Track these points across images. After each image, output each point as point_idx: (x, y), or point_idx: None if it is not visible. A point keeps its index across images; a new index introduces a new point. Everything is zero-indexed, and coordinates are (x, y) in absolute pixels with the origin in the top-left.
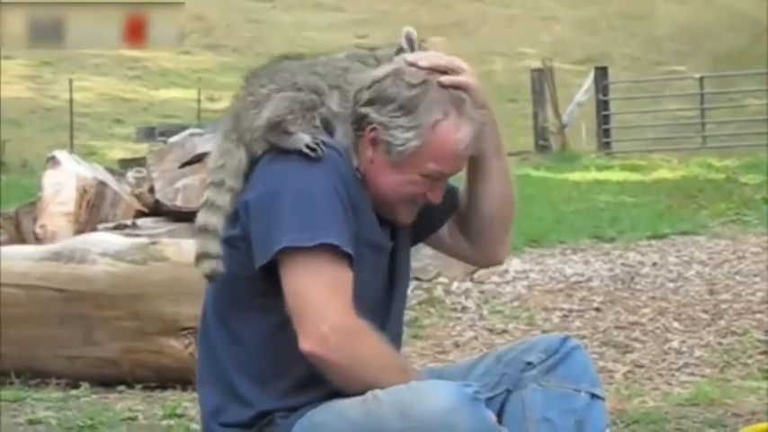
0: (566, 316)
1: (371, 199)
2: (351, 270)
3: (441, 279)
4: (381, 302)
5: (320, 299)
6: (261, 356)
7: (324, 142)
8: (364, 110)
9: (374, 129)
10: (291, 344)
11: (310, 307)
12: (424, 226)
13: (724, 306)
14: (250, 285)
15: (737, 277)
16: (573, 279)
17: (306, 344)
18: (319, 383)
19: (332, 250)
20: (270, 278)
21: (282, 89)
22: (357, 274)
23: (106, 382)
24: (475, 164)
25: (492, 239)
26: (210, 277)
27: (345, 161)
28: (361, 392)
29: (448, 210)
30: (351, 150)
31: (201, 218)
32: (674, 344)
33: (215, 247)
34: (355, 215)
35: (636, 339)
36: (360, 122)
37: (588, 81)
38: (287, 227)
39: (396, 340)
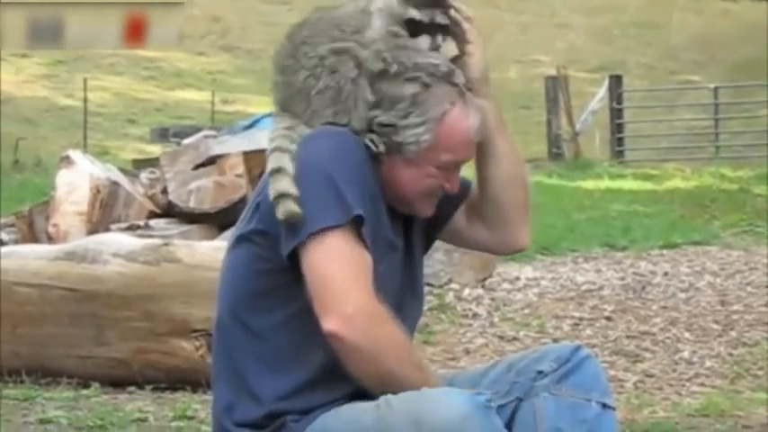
0: (576, 324)
1: (387, 197)
2: (370, 254)
3: (452, 285)
4: (396, 301)
5: (345, 280)
6: (278, 347)
7: (345, 145)
8: (371, 114)
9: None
10: (309, 333)
11: (335, 287)
12: (435, 220)
13: (735, 317)
14: (267, 279)
15: (749, 288)
16: (584, 287)
17: (329, 323)
18: (333, 381)
19: (354, 233)
20: (288, 269)
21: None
22: (375, 268)
23: (117, 382)
24: (480, 145)
25: (509, 223)
26: (289, 220)
27: (366, 159)
28: (376, 381)
29: (455, 199)
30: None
31: (275, 161)
32: (685, 354)
33: (291, 186)
34: (372, 208)
35: (646, 349)
36: (368, 126)
37: (602, 89)
38: (314, 210)
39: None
